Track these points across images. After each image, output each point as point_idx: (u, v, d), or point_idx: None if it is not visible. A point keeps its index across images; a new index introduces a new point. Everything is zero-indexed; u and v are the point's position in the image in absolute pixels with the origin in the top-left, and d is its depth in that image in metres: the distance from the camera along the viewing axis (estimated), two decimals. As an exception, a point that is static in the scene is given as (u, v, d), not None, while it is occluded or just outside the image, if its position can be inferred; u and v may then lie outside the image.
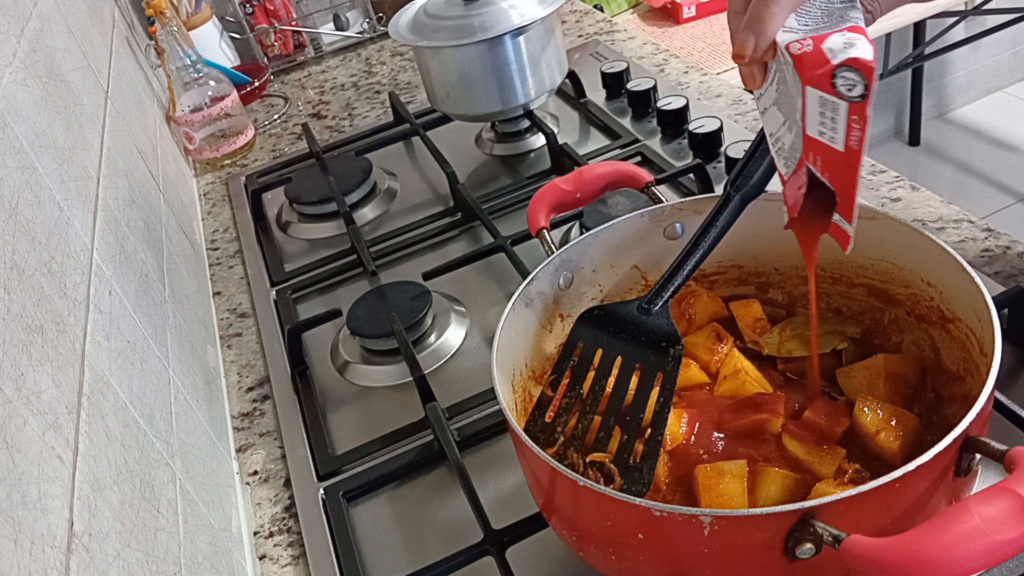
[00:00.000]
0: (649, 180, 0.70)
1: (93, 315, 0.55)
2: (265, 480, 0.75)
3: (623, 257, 0.66)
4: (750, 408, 0.57)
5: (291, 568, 0.67)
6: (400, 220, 1.05)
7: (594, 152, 1.05)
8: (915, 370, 0.58)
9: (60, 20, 0.82)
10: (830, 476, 0.52)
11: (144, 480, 0.52)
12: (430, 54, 1.00)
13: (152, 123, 1.11)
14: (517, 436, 0.50)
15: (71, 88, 0.74)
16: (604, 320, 0.58)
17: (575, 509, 0.50)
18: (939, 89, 2.72)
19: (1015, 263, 0.74)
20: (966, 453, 0.44)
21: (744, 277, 0.68)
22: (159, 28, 1.19)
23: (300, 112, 1.40)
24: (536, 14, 0.96)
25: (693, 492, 0.53)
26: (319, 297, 0.96)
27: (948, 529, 0.37)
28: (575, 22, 1.44)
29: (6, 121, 0.54)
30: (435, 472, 0.71)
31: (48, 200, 0.55)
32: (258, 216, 1.11)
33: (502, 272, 0.90)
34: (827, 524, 0.41)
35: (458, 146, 1.14)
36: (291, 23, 1.57)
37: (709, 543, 0.43)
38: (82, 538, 0.41)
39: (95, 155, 0.73)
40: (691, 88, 1.15)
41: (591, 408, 0.56)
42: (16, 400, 0.40)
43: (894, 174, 0.89)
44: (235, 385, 0.87)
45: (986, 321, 0.49)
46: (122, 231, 0.71)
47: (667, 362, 0.55)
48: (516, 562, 0.59)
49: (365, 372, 0.83)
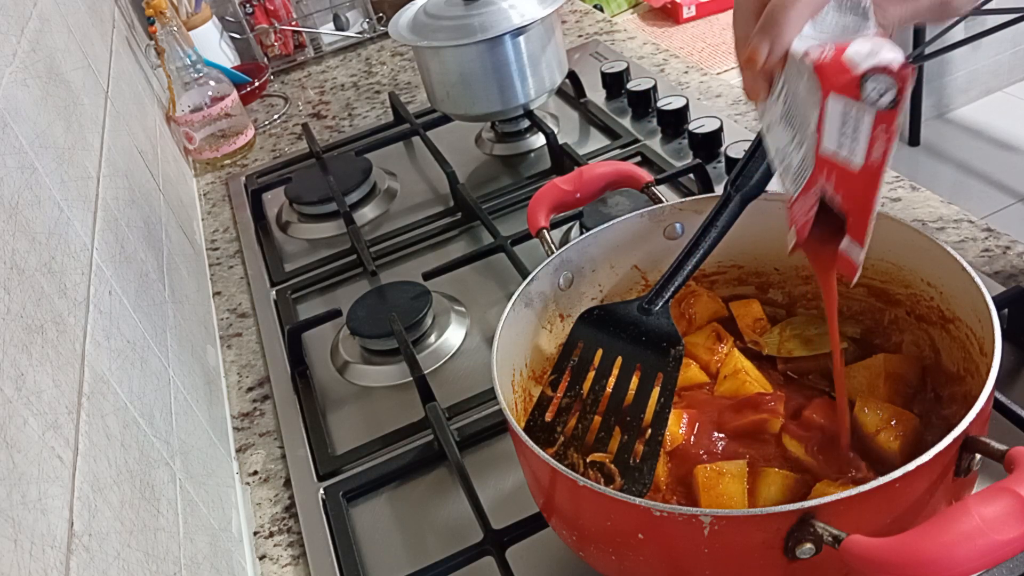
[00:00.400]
0: (649, 180, 0.70)
1: (93, 315, 0.55)
2: (265, 480, 0.75)
3: (623, 257, 0.66)
4: (750, 408, 0.57)
5: (291, 568, 0.67)
6: (400, 220, 1.05)
7: (594, 152, 1.05)
8: (915, 370, 0.58)
9: (60, 20, 0.82)
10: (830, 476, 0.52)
11: (144, 480, 0.52)
12: (430, 54, 1.00)
13: (152, 123, 1.11)
14: (517, 436, 0.50)
15: (71, 88, 0.74)
16: (604, 320, 0.58)
17: (575, 509, 0.50)
18: (939, 89, 2.72)
19: (1015, 263, 0.74)
20: (966, 453, 0.44)
21: (744, 277, 0.68)
22: (159, 28, 1.19)
23: (300, 112, 1.40)
24: (536, 14, 0.96)
25: (693, 492, 0.53)
26: (319, 297, 0.96)
27: (948, 529, 0.37)
28: (575, 22, 1.45)
29: (6, 121, 0.54)
30: (435, 472, 0.71)
31: (48, 200, 0.55)
32: (258, 216, 1.11)
33: (502, 272, 0.90)
34: (827, 524, 0.41)
35: (458, 146, 1.14)
36: (291, 23, 1.57)
37: (709, 543, 0.43)
38: (82, 538, 0.41)
39: (95, 155, 0.73)
40: (691, 88, 1.15)
41: (591, 408, 0.56)
42: (16, 400, 0.40)
43: (894, 174, 0.89)
44: (235, 385, 0.87)
45: (986, 321, 0.49)
46: (122, 231, 0.71)
47: (668, 362, 0.55)
48: (516, 562, 0.59)
49: (365, 372, 0.83)
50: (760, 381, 0.60)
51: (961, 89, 2.77)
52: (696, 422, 0.58)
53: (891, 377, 0.57)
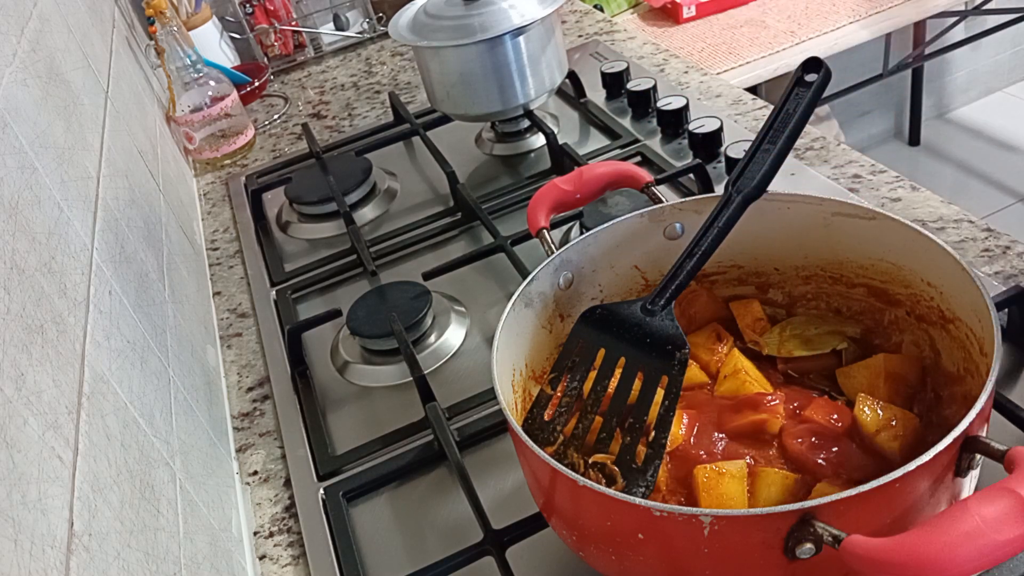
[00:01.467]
0: (649, 180, 0.70)
1: (93, 315, 0.55)
2: (265, 480, 0.75)
3: (623, 257, 0.66)
4: (750, 408, 0.56)
5: (291, 568, 0.67)
6: (400, 220, 1.05)
7: (594, 152, 1.05)
8: (915, 370, 0.58)
9: (60, 20, 0.82)
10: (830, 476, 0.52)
11: (144, 480, 0.52)
12: (430, 54, 1.00)
13: (152, 123, 1.11)
14: (517, 436, 0.50)
15: (71, 88, 0.74)
16: (606, 320, 0.58)
17: (575, 509, 0.50)
18: (939, 89, 2.72)
19: (1015, 263, 0.74)
20: (966, 453, 0.44)
21: (744, 277, 0.68)
22: (159, 28, 1.19)
23: (300, 112, 1.40)
24: (536, 14, 0.96)
25: (693, 493, 0.53)
26: (319, 297, 0.96)
27: (948, 529, 0.37)
28: (575, 22, 1.44)
29: (6, 121, 0.54)
30: (435, 472, 0.71)
31: (48, 200, 0.55)
32: (258, 216, 1.11)
33: (502, 272, 0.90)
34: (827, 524, 0.41)
35: (458, 146, 1.14)
36: (291, 23, 1.57)
37: (709, 543, 0.43)
38: (82, 538, 0.41)
39: (95, 155, 0.73)
40: (691, 88, 1.15)
41: (592, 408, 0.56)
42: (16, 400, 0.40)
43: (894, 174, 0.89)
44: (235, 385, 0.87)
45: (986, 321, 0.49)
46: (122, 231, 0.71)
47: (673, 365, 0.55)
48: (516, 562, 0.59)
49: (365, 372, 0.83)
50: (760, 381, 0.60)
51: (961, 89, 2.77)
52: (696, 422, 0.58)
53: (891, 377, 0.57)
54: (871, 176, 0.90)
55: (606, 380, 0.56)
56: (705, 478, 0.52)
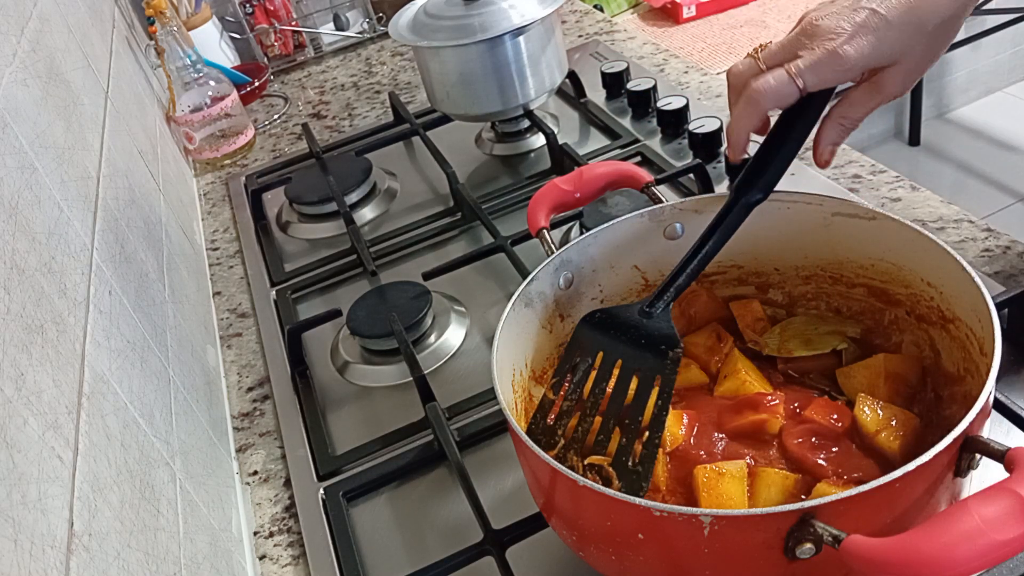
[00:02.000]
0: (649, 180, 0.70)
1: (93, 315, 0.55)
2: (265, 480, 0.75)
3: (623, 257, 0.66)
4: (750, 408, 0.57)
5: (291, 568, 0.67)
6: (400, 220, 1.05)
7: (594, 152, 1.05)
8: (915, 370, 0.58)
9: (60, 20, 0.82)
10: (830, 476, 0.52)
11: (144, 480, 0.52)
12: (430, 54, 1.00)
13: (152, 123, 1.11)
14: (517, 436, 0.50)
15: (71, 88, 0.74)
16: (606, 323, 0.58)
17: (575, 509, 0.50)
18: (939, 89, 2.72)
19: (1015, 263, 0.74)
20: (966, 453, 0.44)
21: (744, 277, 0.68)
22: (159, 28, 1.19)
23: (300, 112, 1.40)
24: (536, 14, 0.96)
25: (693, 493, 0.53)
26: (319, 297, 0.96)
27: (948, 529, 0.37)
28: (575, 22, 1.44)
29: (6, 121, 0.54)
30: (435, 472, 0.71)
31: (48, 200, 0.55)
32: (258, 216, 1.11)
33: (502, 272, 0.90)
34: (827, 524, 0.41)
35: (458, 146, 1.14)
36: (291, 23, 1.57)
37: (709, 543, 0.43)
38: (82, 538, 0.41)
39: (95, 155, 0.73)
40: (691, 88, 1.15)
41: (591, 411, 0.56)
42: (16, 400, 0.40)
43: (894, 174, 0.89)
44: (235, 385, 0.87)
45: (986, 321, 0.49)
46: (122, 231, 0.71)
47: (666, 365, 0.55)
48: (516, 562, 0.59)
49: (365, 372, 0.83)
50: (760, 381, 0.60)
51: (961, 89, 2.77)
52: (696, 422, 0.58)
53: (891, 377, 0.57)
54: (871, 176, 0.90)
55: (604, 383, 0.56)
56: (705, 478, 0.52)
